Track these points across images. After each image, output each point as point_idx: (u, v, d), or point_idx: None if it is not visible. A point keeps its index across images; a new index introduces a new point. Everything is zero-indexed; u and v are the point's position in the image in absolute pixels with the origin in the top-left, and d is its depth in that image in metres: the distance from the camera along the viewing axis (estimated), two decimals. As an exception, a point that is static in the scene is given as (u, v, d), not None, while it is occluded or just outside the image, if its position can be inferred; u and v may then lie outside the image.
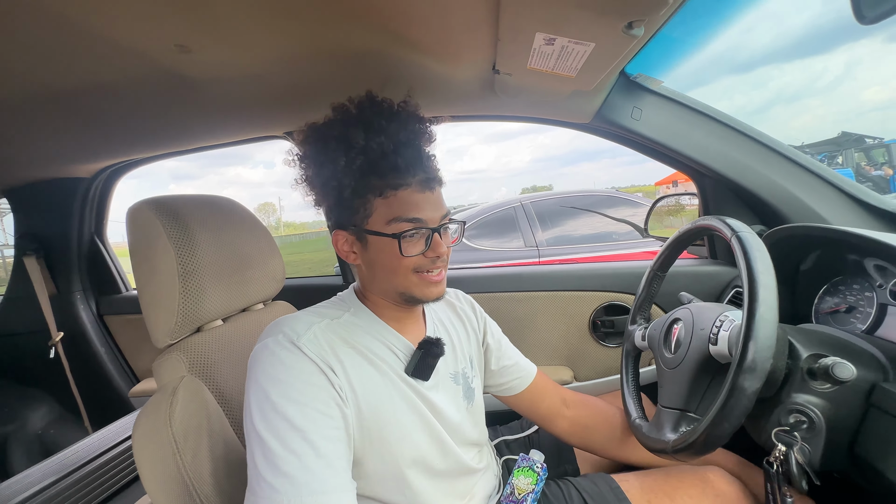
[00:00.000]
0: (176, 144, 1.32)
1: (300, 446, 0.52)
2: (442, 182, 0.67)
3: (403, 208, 0.62)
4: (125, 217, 0.75)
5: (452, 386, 0.74)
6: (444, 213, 0.66)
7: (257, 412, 0.54)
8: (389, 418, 0.63)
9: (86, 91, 0.90)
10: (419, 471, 0.67)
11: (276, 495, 0.49)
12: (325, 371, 0.58)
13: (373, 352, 0.65)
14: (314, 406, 0.55)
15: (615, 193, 4.11)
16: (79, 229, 1.65)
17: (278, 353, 0.58)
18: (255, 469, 0.52)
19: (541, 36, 0.62)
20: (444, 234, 0.67)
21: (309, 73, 0.89)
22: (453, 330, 0.80)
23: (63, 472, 0.93)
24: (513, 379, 0.87)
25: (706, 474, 0.77)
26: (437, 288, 0.67)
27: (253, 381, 0.57)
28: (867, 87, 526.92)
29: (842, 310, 0.85)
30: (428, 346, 0.69)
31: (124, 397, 1.68)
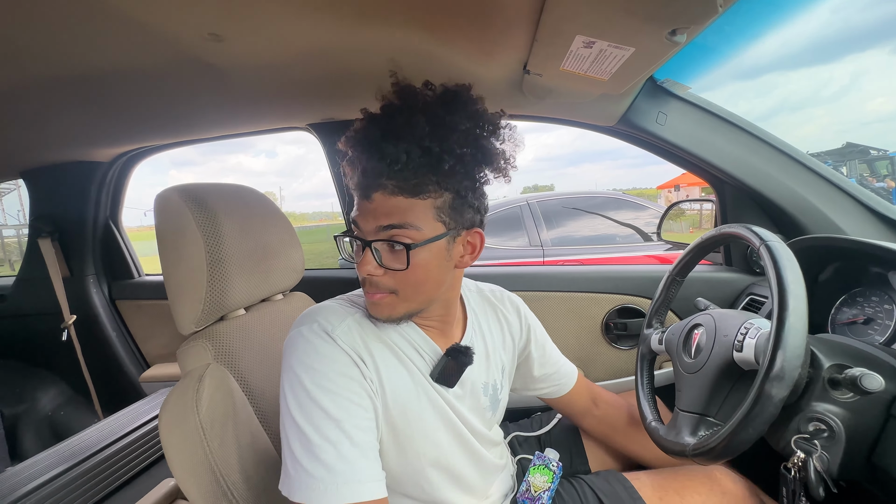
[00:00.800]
0: (197, 132, 1.33)
1: (336, 435, 0.53)
2: (405, 188, 0.54)
3: (355, 213, 0.59)
4: (153, 203, 0.75)
5: (480, 396, 0.72)
6: (379, 225, 0.55)
7: (292, 398, 0.55)
8: (415, 417, 0.63)
9: (112, 75, 0.90)
10: (440, 470, 0.67)
11: (313, 482, 0.50)
12: (357, 363, 0.58)
13: (402, 350, 0.64)
14: (347, 396, 0.56)
15: (620, 196, 4.11)
16: (94, 213, 1.65)
17: (313, 341, 0.58)
18: (292, 454, 0.53)
19: (580, 39, 0.62)
20: (386, 252, 0.56)
21: (338, 66, 0.90)
22: (490, 338, 0.76)
23: (77, 459, 0.93)
24: (553, 385, 0.87)
25: (713, 473, 0.78)
26: (372, 308, 0.60)
27: (288, 368, 0.58)
28: (872, 98, 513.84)
29: (859, 321, 0.85)
30: (455, 354, 0.65)
31: (135, 382, 1.69)
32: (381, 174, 0.53)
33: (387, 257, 0.56)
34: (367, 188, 0.55)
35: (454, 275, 0.64)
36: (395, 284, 0.58)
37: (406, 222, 0.55)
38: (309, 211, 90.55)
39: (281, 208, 0.94)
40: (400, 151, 0.52)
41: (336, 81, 0.97)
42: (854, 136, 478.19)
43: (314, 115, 1.22)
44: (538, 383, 0.87)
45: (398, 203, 0.55)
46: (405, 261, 0.55)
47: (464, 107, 0.56)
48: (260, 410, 0.73)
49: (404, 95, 0.57)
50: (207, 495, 0.62)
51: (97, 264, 1.72)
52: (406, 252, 0.54)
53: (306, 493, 0.50)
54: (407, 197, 0.54)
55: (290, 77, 0.94)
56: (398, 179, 0.54)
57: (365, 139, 0.55)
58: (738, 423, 0.58)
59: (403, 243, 0.54)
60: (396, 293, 0.58)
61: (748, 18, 0.85)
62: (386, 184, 0.54)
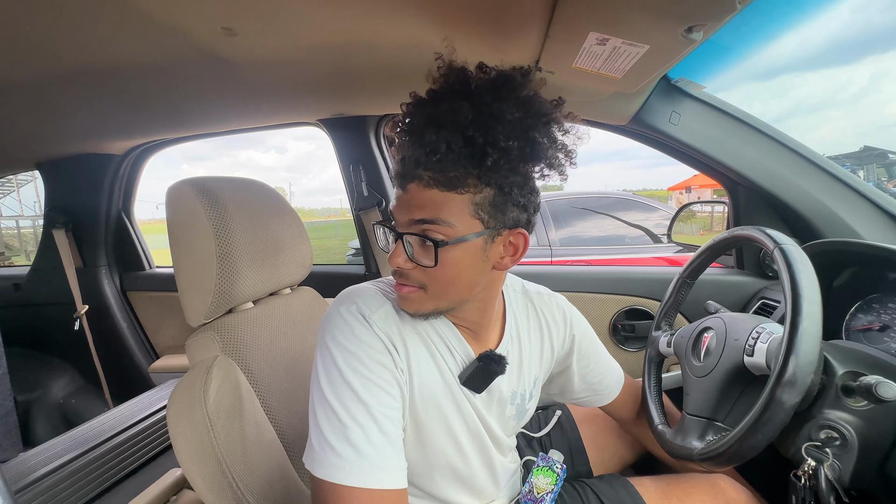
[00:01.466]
0: (209, 126, 1.34)
1: (365, 419, 0.52)
2: (439, 180, 0.51)
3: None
4: (165, 195, 0.76)
5: (507, 406, 0.70)
6: (411, 218, 0.53)
7: (324, 375, 0.55)
8: (439, 414, 0.62)
9: (127, 69, 0.91)
10: (454, 468, 0.67)
11: (339, 461, 0.50)
12: (390, 351, 0.57)
13: (435, 345, 0.62)
14: (378, 383, 0.55)
15: (631, 196, 4.07)
16: (107, 205, 1.68)
17: (350, 322, 0.57)
18: (319, 430, 0.52)
19: (594, 35, 0.61)
20: (418, 246, 0.54)
21: (348, 61, 0.90)
22: (528, 346, 0.72)
23: (88, 446, 0.95)
24: (592, 395, 0.83)
25: (717, 481, 0.77)
26: (403, 303, 0.58)
27: (323, 345, 0.57)
28: (892, 100, 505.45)
29: (875, 328, 0.83)
30: (487, 361, 0.62)
31: (144, 372, 1.72)
32: (418, 164, 0.50)
33: (417, 252, 0.54)
34: (403, 178, 0.53)
35: (491, 276, 0.59)
36: (425, 280, 0.55)
37: (438, 217, 0.51)
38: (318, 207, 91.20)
39: (290, 204, 0.94)
40: (440, 140, 0.48)
41: (346, 77, 0.97)
42: (872, 139, 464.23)
43: (324, 111, 1.23)
44: (576, 393, 0.83)
45: (432, 196, 0.51)
46: (434, 258, 0.52)
47: (514, 93, 0.50)
48: (266, 403, 0.74)
49: (451, 78, 0.52)
50: (213, 486, 0.62)
51: (109, 256, 1.75)
52: (434, 249, 0.52)
53: (331, 472, 0.50)
54: (442, 190, 0.51)
55: (302, 72, 0.95)
56: (435, 170, 0.50)
57: (409, 125, 0.52)
58: (747, 428, 0.57)
59: (433, 240, 0.52)
60: (425, 289, 0.56)
61: (765, 17, 0.83)
62: (422, 174, 0.51)
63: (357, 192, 1.39)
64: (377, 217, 1.39)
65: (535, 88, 0.53)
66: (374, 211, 1.39)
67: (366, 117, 1.30)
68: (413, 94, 0.54)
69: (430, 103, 0.52)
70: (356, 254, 5.14)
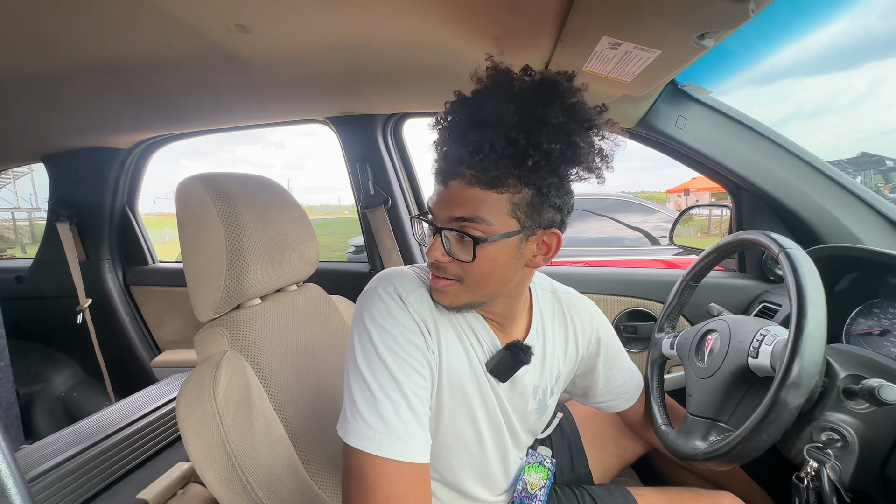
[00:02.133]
0: (217, 122, 1.34)
1: (396, 395, 0.55)
2: (482, 179, 0.52)
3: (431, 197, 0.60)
4: (175, 191, 0.77)
5: (529, 399, 0.72)
6: (451, 215, 0.55)
7: (360, 350, 0.57)
8: (462, 398, 0.64)
9: (136, 64, 0.92)
10: (470, 455, 0.68)
11: (370, 432, 0.53)
12: (423, 333, 0.60)
13: (465, 333, 0.65)
14: (410, 363, 0.57)
15: (630, 198, 4.08)
16: (112, 199, 1.68)
17: (388, 302, 0.59)
18: (353, 401, 0.55)
19: (606, 40, 0.62)
20: (455, 241, 0.56)
21: (359, 60, 0.90)
22: (552, 342, 0.73)
23: (92, 440, 0.95)
24: (613, 399, 0.85)
25: (720, 500, 0.76)
26: (435, 293, 0.61)
27: (359, 321, 0.59)
28: (890, 107, 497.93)
29: (875, 332, 0.85)
30: (514, 350, 0.65)
31: (146, 367, 1.72)
32: (461, 162, 0.52)
33: (455, 246, 0.56)
34: (445, 175, 0.54)
35: (523, 273, 0.62)
36: (461, 273, 0.57)
37: (477, 215, 0.53)
38: (316, 204, 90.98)
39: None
40: (483, 140, 0.50)
41: (357, 75, 0.97)
42: (870, 145, 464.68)
43: (333, 109, 1.23)
44: (598, 397, 0.85)
45: (473, 194, 0.53)
46: (472, 253, 0.54)
47: (560, 98, 0.52)
48: (274, 398, 0.74)
49: (498, 80, 0.54)
50: (223, 479, 0.63)
51: (113, 249, 1.75)
52: (473, 245, 0.54)
53: (361, 441, 0.53)
54: (483, 189, 0.53)
55: (312, 70, 0.95)
56: (477, 169, 0.51)
57: (451, 123, 0.54)
58: (751, 428, 0.58)
59: (472, 236, 0.54)
60: (462, 281, 0.58)
61: (772, 24, 0.84)
62: (464, 172, 0.52)
63: (364, 191, 1.39)
64: (383, 215, 1.39)
65: (578, 94, 0.54)
66: (381, 209, 1.39)
67: (374, 116, 1.31)
68: (457, 92, 0.56)
69: (474, 103, 0.53)
70: (356, 251, 5.13)
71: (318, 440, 0.77)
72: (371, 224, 1.41)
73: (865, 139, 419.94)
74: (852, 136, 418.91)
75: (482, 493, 0.73)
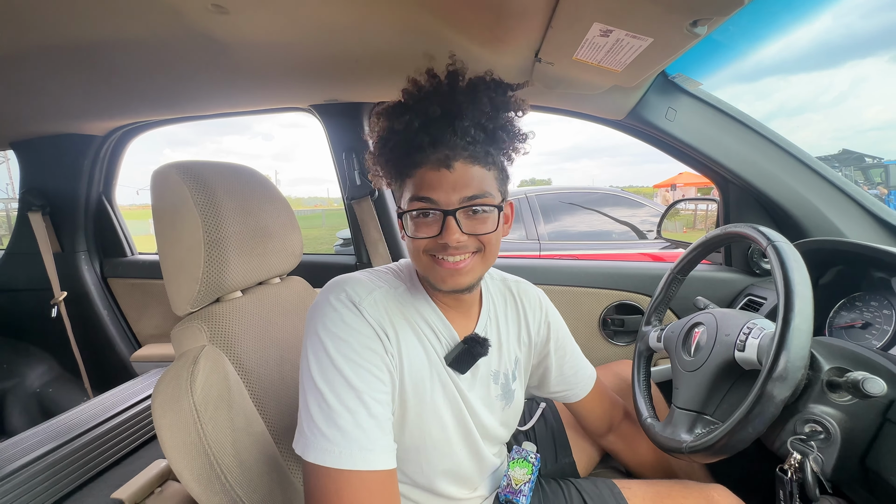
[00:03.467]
0: (196, 108, 1.29)
1: (354, 404, 0.54)
2: (479, 156, 0.59)
3: (418, 187, 0.60)
4: (150, 179, 0.73)
5: (491, 384, 0.73)
6: (465, 195, 0.58)
7: (315, 363, 0.57)
8: (425, 397, 0.64)
9: (110, 45, 0.87)
10: (440, 454, 0.68)
11: (329, 445, 0.52)
12: (381, 337, 0.60)
13: (422, 330, 0.66)
14: (368, 369, 0.57)
15: (618, 192, 4.11)
16: (87, 188, 1.62)
17: (340, 310, 0.59)
18: (310, 416, 0.55)
19: (598, 26, 0.60)
20: (464, 219, 0.59)
21: (344, 46, 0.87)
22: (504, 328, 0.76)
23: (67, 437, 0.92)
24: (567, 389, 0.85)
25: (710, 492, 0.75)
26: (450, 278, 0.61)
27: (312, 333, 0.59)
28: (870, 105, 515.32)
29: (857, 325, 0.86)
30: (472, 343, 0.67)
31: (125, 361, 1.67)
32: (455, 146, 0.58)
33: (467, 224, 0.59)
34: (445, 159, 0.58)
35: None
36: (480, 244, 0.61)
37: (485, 191, 0.59)
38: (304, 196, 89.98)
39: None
40: (471, 125, 0.59)
41: (341, 62, 0.94)
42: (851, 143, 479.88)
43: (317, 96, 1.20)
44: (552, 386, 0.85)
45: (476, 172, 0.59)
46: (495, 222, 0.61)
47: (507, 91, 0.62)
48: (255, 394, 0.72)
49: (450, 78, 0.61)
50: (200, 478, 0.61)
51: (89, 241, 1.69)
52: (498, 214, 0.61)
53: (321, 455, 0.52)
54: (480, 167, 0.59)
55: (295, 55, 0.92)
56: (472, 150, 0.59)
57: (425, 113, 0.59)
58: (737, 421, 0.58)
59: (494, 205, 0.60)
60: (482, 252, 0.62)
61: (763, 16, 0.83)
62: (463, 154, 0.58)
63: (349, 181, 1.36)
64: (370, 207, 1.37)
65: (508, 88, 0.64)
66: (367, 200, 1.37)
67: (360, 104, 1.28)
68: (407, 89, 0.62)
69: (440, 96, 0.60)
70: (344, 244, 5.08)
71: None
72: (357, 215, 1.39)
73: (845, 137, 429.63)
74: (833, 133, 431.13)
75: (457, 492, 0.73)
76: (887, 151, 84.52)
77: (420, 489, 0.71)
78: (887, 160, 8.27)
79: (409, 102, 0.62)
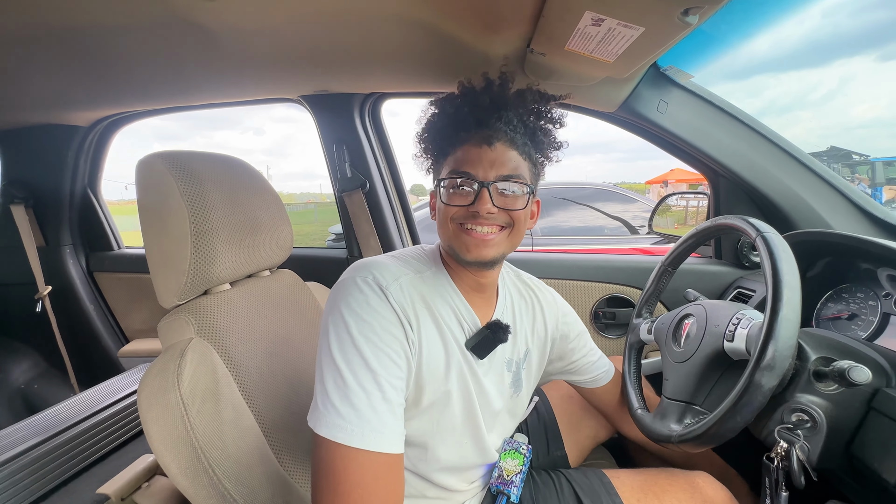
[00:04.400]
0: (184, 99, 1.27)
1: (370, 385, 0.55)
2: (519, 144, 0.64)
3: (458, 161, 0.63)
4: (135, 170, 0.72)
5: (504, 371, 0.75)
6: (501, 173, 0.62)
7: (335, 340, 0.57)
8: (439, 387, 0.65)
9: (95, 33, 0.85)
10: (446, 445, 0.68)
11: (341, 421, 0.53)
12: (403, 323, 0.61)
13: (444, 318, 0.66)
14: (387, 353, 0.58)
15: (611, 188, 4.13)
16: (72, 180, 1.58)
17: (366, 292, 0.60)
18: (325, 391, 0.55)
19: (589, 15, 0.60)
20: (497, 194, 0.63)
21: (335, 34, 0.86)
22: (519, 318, 0.79)
23: (51, 432, 0.90)
24: (590, 375, 0.88)
25: (695, 479, 0.77)
26: (476, 248, 0.63)
27: (335, 310, 0.59)
28: (858, 103, 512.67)
29: (844, 316, 0.87)
30: (495, 329, 0.69)
31: (113, 357, 1.65)
32: (498, 129, 0.63)
33: (499, 199, 0.63)
34: (488, 137, 0.62)
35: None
36: (509, 219, 0.64)
37: (520, 174, 0.63)
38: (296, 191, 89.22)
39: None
40: (512, 117, 0.64)
41: (332, 51, 0.92)
42: (838, 140, 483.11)
43: (307, 86, 1.18)
44: (579, 374, 0.88)
45: (513, 156, 0.64)
46: (525, 201, 0.64)
47: (549, 100, 0.69)
48: (244, 388, 0.71)
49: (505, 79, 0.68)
50: (188, 472, 0.60)
51: (74, 234, 1.65)
52: (529, 193, 0.64)
53: (332, 431, 0.53)
54: (517, 153, 0.64)
55: (284, 44, 0.90)
56: (511, 136, 0.64)
57: (474, 99, 0.65)
58: (726, 410, 0.58)
59: (526, 184, 0.64)
60: (510, 227, 0.65)
61: (754, 9, 0.83)
62: (504, 136, 0.63)
63: (340, 173, 1.35)
64: (361, 200, 1.35)
65: (554, 99, 0.70)
66: (358, 193, 1.35)
67: (352, 95, 1.26)
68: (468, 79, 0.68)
69: (492, 88, 0.66)
70: (336, 239, 5.04)
71: (291, 430, 0.74)
72: (348, 208, 1.37)
73: (833, 134, 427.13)
74: (821, 131, 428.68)
75: (455, 483, 0.73)
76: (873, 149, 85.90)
77: (419, 477, 0.71)
78: (874, 157, 8.41)
79: (463, 93, 0.67)
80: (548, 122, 0.69)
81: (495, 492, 0.76)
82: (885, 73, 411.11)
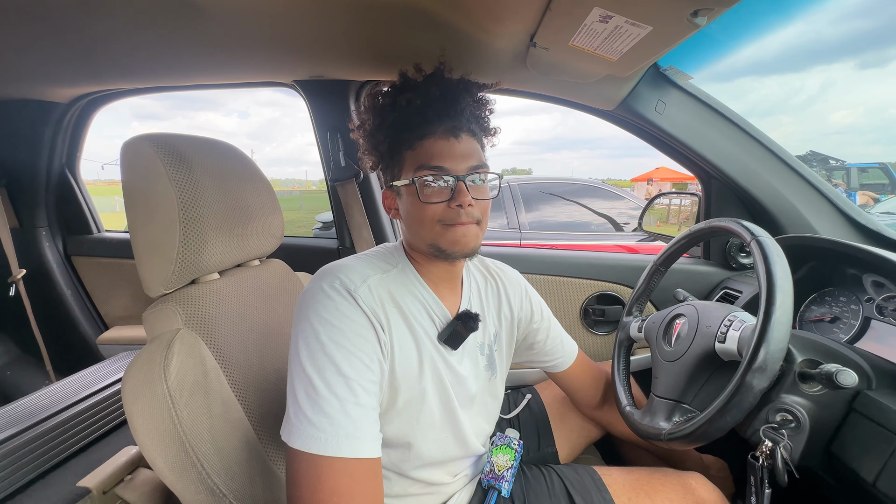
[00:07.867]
0: (170, 78, 1.21)
1: (343, 392, 0.54)
2: (476, 133, 0.66)
3: (426, 157, 0.62)
4: (119, 152, 0.69)
5: (478, 356, 0.76)
6: (472, 164, 0.63)
7: (305, 349, 0.56)
8: (414, 384, 0.65)
9: (75, 4, 0.80)
10: (426, 441, 0.68)
11: (315, 431, 0.52)
12: (374, 326, 0.60)
13: (413, 315, 0.66)
14: (360, 357, 0.57)
15: (598, 184, 4.17)
16: (49, 160, 1.51)
17: (334, 297, 0.59)
18: (296, 402, 0.55)
19: (597, 11, 0.59)
20: (471, 185, 0.63)
21: (333, 19, 0.83)
22: (486, 303, 0.80)
23: (28, 423, 0.87)
24: (557, 358, 0.89)
25: (688, 480, 0.78)
26: (464, 240, 0.63)
27: (304, 319, 0.59)
28: (836, 109, 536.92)
29: (826, 319, 0.89)
30: (465, 319, 0.70)
31: (91, 344, 1.60)
32: (459, 120, 0.64)
33: (473, 191, 0.64)
34: (454, 129, 0.63)
35: None
36: (480, 214, 0.65)
37: (484, 162, 0.66)
38: (281, 177, 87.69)
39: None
40: (465, 108, 0.65)
41: (329, 37, 0.89)
42: (816, 145, 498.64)
43: (302, 71, 1.14)
44: (542, 356, 0.89)
45: (476, 146, 0.65)
46: (488, 192, 0.66)
47: (482, 88, 0.70)
48: (233, 380, 0.70)
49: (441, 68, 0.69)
50: (174, 466, 0.59)
51: (51, 216, 1.59)
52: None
53: (306, 442, 0.52)
54: (477, 143, 0.66)
55: (280, 26, 0.87)
56: (470, 127, 0.65)
57: (432, 90, 0.64)
58: (716, 410, 0.59)
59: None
60: (480, 222, 0.66)
61: (755, 12, 0.84)
62: (466, 127, 0.64)
63: (333, 162, 1.32)
64: (354, 190, 1.33)
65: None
66: (351, 183, 1.33)
67: (348, 82, 1.22)
68: (417, 67, 0.68)
69: (441, 80, 0.66)
70: (324, 227, 4.98)
71: (281, 422, 0.73)
72: (341, 198, 1.35)
73: (811, 139, 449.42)
74: (800, 135, 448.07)
75: (441, 477, 0.73)
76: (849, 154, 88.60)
77: (401, 476, 0.71)
78: (849, 163, 8.68)
79: (409, 84, 0.66)
80: (486, 110, 0.70)
81: (486, 486, 0.77)
82: (862, 81, 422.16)
